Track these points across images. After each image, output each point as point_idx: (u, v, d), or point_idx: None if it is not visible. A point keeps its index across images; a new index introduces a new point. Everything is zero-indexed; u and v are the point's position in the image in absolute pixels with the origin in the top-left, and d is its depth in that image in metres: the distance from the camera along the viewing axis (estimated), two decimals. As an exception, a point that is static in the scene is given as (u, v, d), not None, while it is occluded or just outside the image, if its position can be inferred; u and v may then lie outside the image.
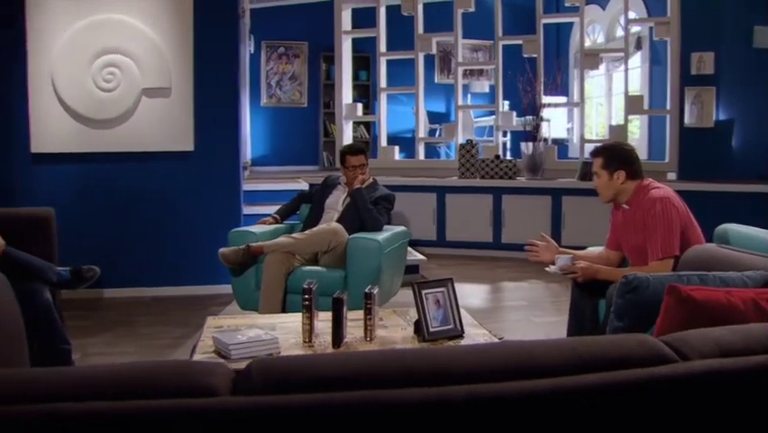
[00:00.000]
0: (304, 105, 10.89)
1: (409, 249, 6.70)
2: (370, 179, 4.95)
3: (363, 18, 8.75)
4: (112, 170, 5.80)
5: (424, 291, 3.27)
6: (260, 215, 5.23)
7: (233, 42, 5.89)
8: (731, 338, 1.24)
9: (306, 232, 4.53)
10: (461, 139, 8.14)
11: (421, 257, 6.43)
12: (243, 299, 4.62)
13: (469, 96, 10.13)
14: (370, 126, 10.30)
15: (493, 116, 8.54)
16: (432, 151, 9.75)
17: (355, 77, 10.36)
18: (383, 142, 8.74)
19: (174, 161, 5.85)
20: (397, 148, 8.62)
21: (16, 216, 4.00)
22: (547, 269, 3.55)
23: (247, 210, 6.32)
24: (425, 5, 8.26)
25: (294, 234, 4.52)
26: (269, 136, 10.76)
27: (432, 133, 9.74)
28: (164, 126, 5.76)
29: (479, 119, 9.78)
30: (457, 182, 7.67)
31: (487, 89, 9.93)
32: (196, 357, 3.02)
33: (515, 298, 5.80)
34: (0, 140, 5.67)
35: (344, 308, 3.16)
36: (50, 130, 5.66)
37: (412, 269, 6.20)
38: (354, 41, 9.12)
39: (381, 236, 4.46)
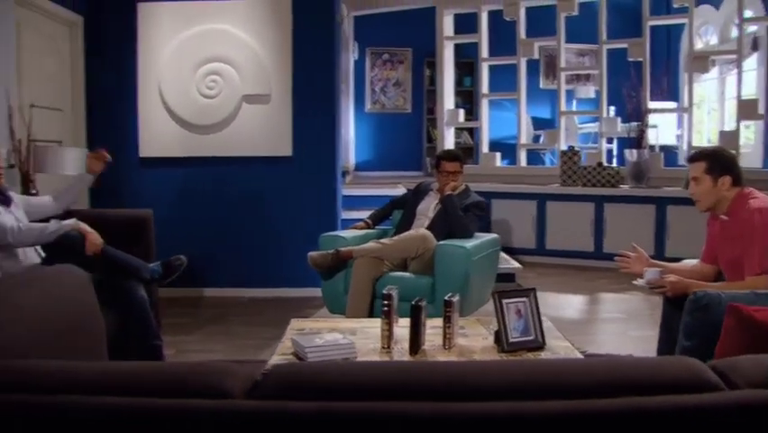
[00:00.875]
0: (408, 111, 10.95)
1: (506, 257, 6.61)
2: (463, 186, 4.90)
3: (466, 24, 8.69)
4: (213, 174, 6.00)
5: (505, 301, 3.20)
6: (359, 219, 5.27)
7: (331, 49, 5.98)
8: (791, 366, 1.13)
9: (395, 237, 4.54)
10: (563, 146, 7.95)
11: (517, 265, 6.30)
12: (332, 302, 4.67)
13: (574, 101, 9.89)
14: (473, 132, 10.23)
15: (598, 122, 8.29)
16: (537, 157, 9.57)
17: (459, 82, 10.35)
18: (485, 148, 8.66)
19: (273, 166, 6.00)
20: (498, 154, 8.53)
21: (117, 216, 4.20)
22: (635, 282, 3.40)
23: (346, 215, 6.40)
24: (528, 9, 8.12)
25: (382, 240, 4.53)
26: (373, 142, 10.88)
27: (536, 139, 9.56)
28: (263, 132, 5.91)
29: (583, 125, 9.53)
30: (558, 190, 7.49)
31: (593, 95, 9.64)
32: (274, 358, 3.08)
33: (613, 310, 5.60)
34: (112, 145, 5.95)
35: (423, 316, 3.14)
36: (157, 135, 5.92)
37: (507, 277, 6.09)
38: (459, 46, 9.09)
39: (470, 244, 4.40)
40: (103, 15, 5.90)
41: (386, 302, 3.20)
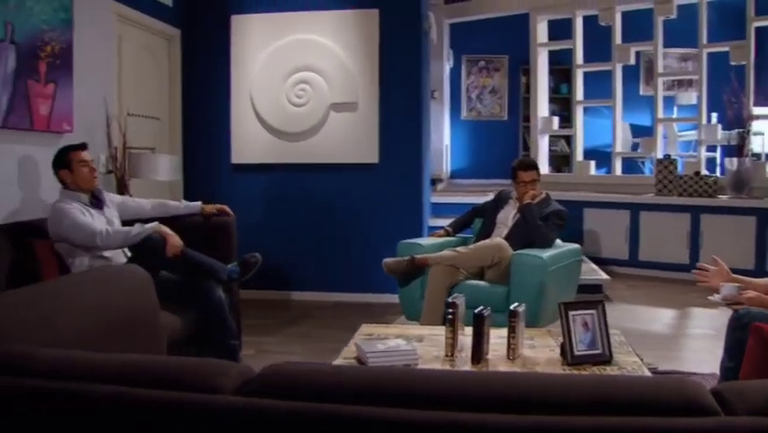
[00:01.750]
0: (504, 119, 10.85)
1: (594, 267, 6.46)
2: (543, 195, 4.82)
3: (562, 30, 8.55)
4: (301, 181, 6.16)
5: (571, 313, 3.14)
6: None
7: (418, 58, 6.01)
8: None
9: (470, 246, 4.52)
10: (660, 154, 7.68)
11: (604, 276, 6.14)
12: (409, 309, 4.70)
13: (675, 108, 9.53)
14: (570, 140, 10.02)
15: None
16: (635, 166, 9.28)
17: (557, 90, 10.19)
18: (579, 156, 8.49)
19: (359, 173, 6.09)
20: (593, 163, 8.34)
21: (202, 220, 4.37)
22: (710, 297, 3.24)
23: (433, 222, 6.42)
24: (624, 14, 7.90)
25: (458, 248, 4.51)
26: (469, 149, 10.84)
27: (635, 147, 9.27)
28: (350, 139, 6.02)
29: (684, 132, 9.16)
30: (652, 199, 7.24)
31: (694, 101, 9.26)
32: (337, 361, 3.14)
33: (704, 325, 5.36)
34: (208, 152, 6.25)
35: (485, 325, 3.12)
36: (248, 143, 6.14)
37: (594, 288, 5.96)
38: (556, 53, 8.96)
39: (547, 254, 4.32)
40: (199, 28, 6.18)
41: (450, 310, 3.20)
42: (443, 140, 9.70)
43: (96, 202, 3.94)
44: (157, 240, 3.68)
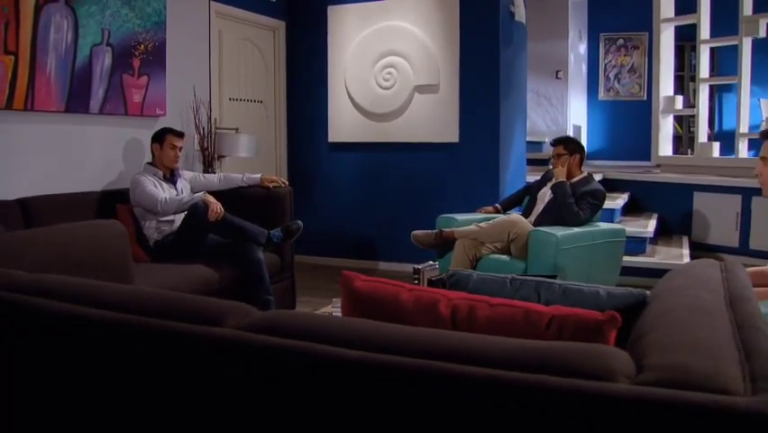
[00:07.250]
0: (643, 99, 10.55)
1: (683, 252, 6.35)
2: (584, 174, 4.97)
3: (692, 3, 8.24)
4: (388, 158, 6.66)
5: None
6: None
7: (496, 41, 6.21)
8: (281, 321, 1.39)
9: (490, 221, 4.78)
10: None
11: (684, 262, 6.03)
12: (445, 279, 5.06)
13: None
14: (711, 121, 9.61)
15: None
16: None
17: (693, 67, 9.78)
18: (702, 137, 8.20)
19: (441, 152, 6.47)
20: (717, 144, 8.01)
21: (260, 192, 5.01)
22: None
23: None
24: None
25: (481, 223, 4.80)
26: (606, 130, 10.69)
27: (779, 127, 8.73)
28: (433, 119, 6.41)
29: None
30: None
31: None
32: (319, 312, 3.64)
33: None
34: (308, 132, 6.94)
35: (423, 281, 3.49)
36: (343, 123, 6.74)
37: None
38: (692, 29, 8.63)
39: (563, 232, 4.45)
40: (301, 19, 6.86)
41: (415, 276, 3.60)
42: (568, 120, 9.70)
43: (170, 177, 4.71)
44: (200, 207, 4.36)
